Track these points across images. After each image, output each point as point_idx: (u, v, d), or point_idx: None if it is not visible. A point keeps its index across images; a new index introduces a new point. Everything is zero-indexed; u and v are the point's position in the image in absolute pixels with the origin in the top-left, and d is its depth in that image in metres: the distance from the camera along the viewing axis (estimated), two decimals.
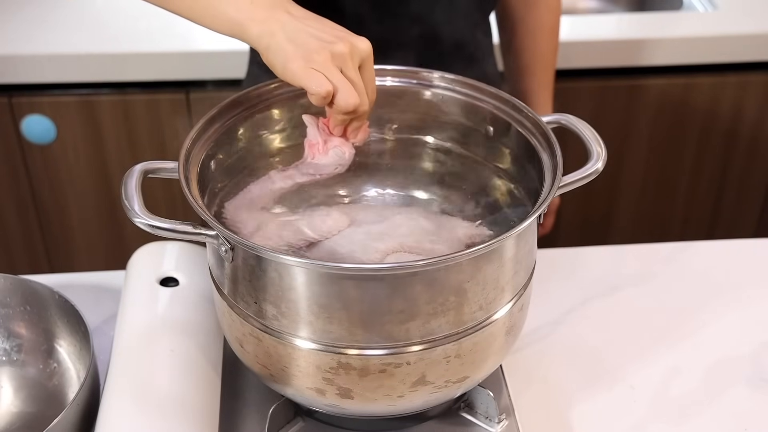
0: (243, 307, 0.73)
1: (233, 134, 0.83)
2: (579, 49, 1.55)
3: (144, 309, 0.86)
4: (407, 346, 0.70)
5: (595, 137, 0.79)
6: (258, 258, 0.69)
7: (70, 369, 0.88)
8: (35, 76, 1.51)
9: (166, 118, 1.56)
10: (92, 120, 1.55)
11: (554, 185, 0.72)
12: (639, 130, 1.65)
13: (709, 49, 1.57)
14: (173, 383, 0.79)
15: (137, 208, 0.71)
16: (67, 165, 1.60)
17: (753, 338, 0.96)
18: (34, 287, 0.88)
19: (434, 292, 0.68)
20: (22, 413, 0.86)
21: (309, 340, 0.71)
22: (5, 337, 0.90)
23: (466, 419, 0.83)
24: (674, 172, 1.71)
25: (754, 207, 1.77)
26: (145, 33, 1.54)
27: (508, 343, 0.78)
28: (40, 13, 1.61)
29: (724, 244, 1.11)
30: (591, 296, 1.01)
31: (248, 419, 0.82)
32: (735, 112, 1.64)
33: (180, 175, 0.73)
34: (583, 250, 1.10)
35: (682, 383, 0.91)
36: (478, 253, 0.68)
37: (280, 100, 0.85)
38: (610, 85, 1.60)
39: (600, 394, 0.89)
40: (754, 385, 0.91)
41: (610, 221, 1.76)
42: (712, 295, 1.02)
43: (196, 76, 1.52)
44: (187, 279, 0.90)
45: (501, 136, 0.84)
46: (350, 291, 0.68)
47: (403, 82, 0.87)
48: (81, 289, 0.99)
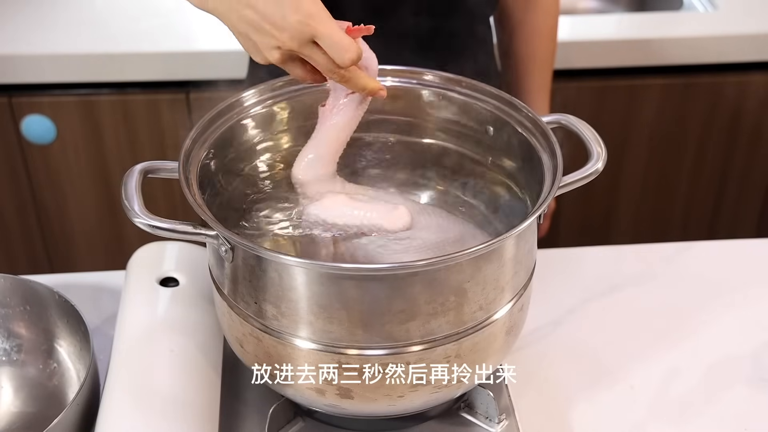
0: (243, 307, 0.73)
1: (233, 134, 0.83)
2: (579, 49, 1.55)
3: (144, 309, 0.86)
4: (407, 346, 0.70)
5: (595, 137, 0.79)
6: (258, 258, 0.69)
7: (70, 369, 0.88)
8: (35, 76, 1.51)
9: (166, 118, 1.56)
10: (92, 120, 1.55)
11: (554, 185, 0.72)
12: (639, 130, 1.64)
13: (709, 49, 1.57)
14: (173, 383, 0.79)
15: (137, 208, 0.71)
16: (67, 165, 1.60)
17: (753, 338, 0.96)
18: (34, 287, 0.88)
19: (434, 292, 0.68)
20: (22, 413, 0.86)
21: (309, 340, 0.71)
22: (5, 337, 0.90)
23: (466, 419, 0.83)
24: (674, 172, 1.71)
25: (754, 207, 1.77)
26: (145, 33, 1.54)
27: (508, 343, 0.78)
28: (40, 13, 1.61)
29: (724, 244, 1.11)
30: (591, 296, 1.01)
31: (248, 419, 0.82)
32: (735, 112, 1.63)
33: (180, 175, 0.73)
34: (583, 250, 1.10)
35: (682, 383, 0.91)
36: (478, 253, 0.68)
37: (280, 100, 0.86)
38: (610, 85, 1.60)
39: (600, 394, 0.89)
40: (754, 385, 0.91)
41: (610, 221, 1.76)
42: (713, 295, 1.02)
43: (196, 76, 1.52)
44: (187, 279, 0.90)
45: (501, 136, 0.84)
46: (350, 291, 0.68)
47: (403, 82, 0.87)
48: (81, 289, 0.99)
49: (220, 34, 1.54)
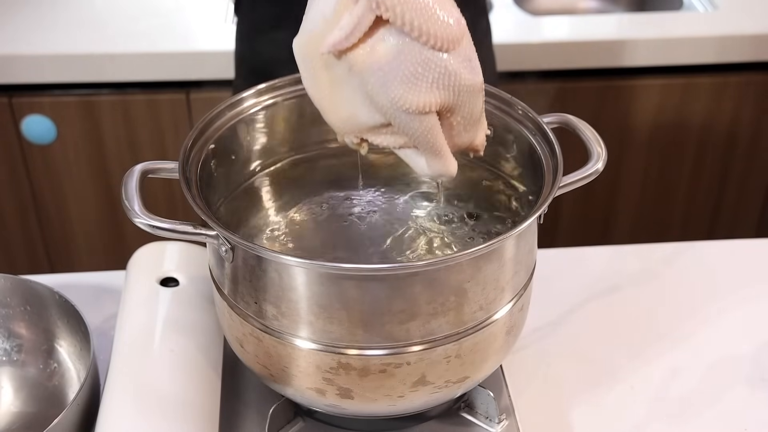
0: (243, 307, 0.73)
1: (233, 134, 0.83)
2: (579, 49, 1.56)
3: (144, 309, 0.86)
4: (407, 346, 0.70)
5: (595, 137, 0.79)
6: (258, 258, 0.69)
7: (70, 369, 0.88)
8: (35, 76, 1.51)
9: (166, 118, 1.56)
10: (92, 120, 1.56)
11: (554, 185, 0.72)
12: (639, 130, 1.65)
13: (709, 49, 1.57)
14: (173, 383, 0.79)
15: (137, 208, 0.71)
16: (67, 165, 1.60)
17: (753, 338, 0.96)
18: (34, 287, 0.88)
19: (434, 292, 0.68)
20: (22, 413, 0.86)
21: (309, 340, 0.71)
22: (5, 337, 0.90)
23: (466, 419, 0.83)
24: (674, 172, 1.71)
25: (754, 207, 1.77)
26: (145, 33, 1.54)
27: (508, 343, 0.78)
28: (40, 13, 1.61)
29: (724, 244, 1.11)
30: (591, 296, 1.01)
31: (248, 419, 0.82)
32: (735, 113, 1.64)
33: (180, 175, 0.73)
34: (583, 250, 1.10)
35: (682, 383, 0.91)
36: (478, 253, 0.68)
37: (280, 99, 0.85)
38: (610, 85, 1.60)
39: (600, 394, 0.89)
40: (754, 385, 0.91)
41: (610, 221, 1.76)
42: (712, 295, 1.02)
43: (196, 76, 1.52)
44: (187, 279, 0.90)
45: (501, 136, 0.84)
46: (350, 291, 0.68)
47: None
48: (81, 289, 0.99)
49: (220, 34, 1.55)
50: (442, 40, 0.63)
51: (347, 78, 0.66)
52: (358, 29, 0.63)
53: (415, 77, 0.64)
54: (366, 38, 0.64)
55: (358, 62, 0.64)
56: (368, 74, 0.64)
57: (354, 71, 0.65)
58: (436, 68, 0.63)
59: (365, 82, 0.65)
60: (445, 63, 0.63)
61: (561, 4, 1.96)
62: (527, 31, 1.60)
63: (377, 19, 0.63)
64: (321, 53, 0.65)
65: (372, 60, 0.64)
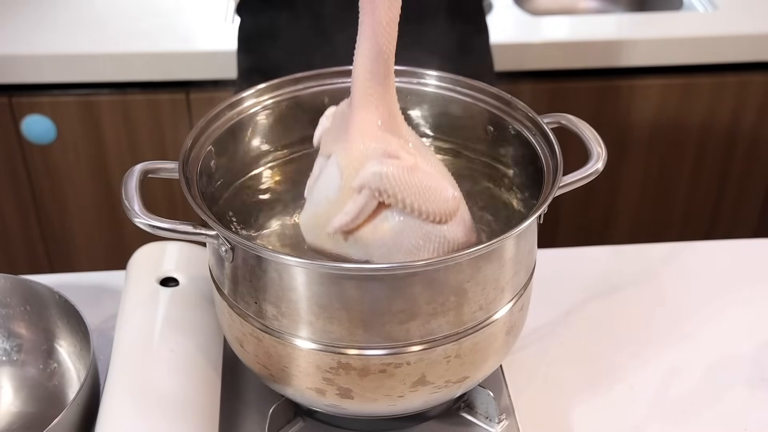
0: (243, 307, 0.73)
1: (233, 134, 0.83)
2: (579, 49, 1.56)
3: (144, 309, 0.86)
4: (407, 346, 0.70)
5: (595, 137, 0.79)
6: (258, 258, 0.69)
7: (70, 369, 0.88)
8: (35, 76, 1.51)
9: (166, 118, 1.56)
10: (92, 120, 1.55)
11: (554, 185, 0.72)
12: (639, 130, 1.65)
13: (709, 49, 1.57)
14: (173, 383, 0.79)
15: (137, 208, 0.71)
16: (67, 165, 1.60)
17: (753, 338, 0.96)
18: (34, 287, 0.88)
19: (434, 292, 0.68)
20: (22, 413, 0.86)
21: (309, 340, 0.71)
22: (5, 337, 0.90)
23: (466, 419, 0.83)
24: (674, 172, 1.71)
25: (754, 207, 1.77)
26: (145, 33, 1.54)
27: (508, 343, 0.78)
28: (40, 13, 1.61)
29: (724, 244, 1.11)
30: (591, 296, 1.01)
31: (248, 419, 0.82)
32: (735, 113, 1.64)
33: (180, 175, 0.73)
34: (583, 250, 1.10)
35: (682, 383, 0.91)
36: (478, 254, 0.68)
37: (281, 99, 0.86)
38: (610, 85, 1.60)
39: (600, 394, 0.89)
40: (754, 385, 0.91)
41: (610, 221, 1.76)
42: (712, 295, 1.02)
43: (196, 76, 1.52)
44: (187, 279, 0.90)
45: (501, 136, 0.84)
46: (350, 291, 0.68)
47: (403, 82, 0.87)
48: (81, 289, 0.99)
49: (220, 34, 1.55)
50: (440, 215, 0.70)
51: (353, 245, 0.73)
52: (362, 214, 0.70)
53: (417, 249, 0.71)
54: (370, 219, 0.71)
55: (363, 238, 0.72)
56: (373, 248, 0.71)
57: (359, 244, 0.72)
58: (436, 239, 0.71)
59: (370, 253, 0.72)
60: (444, 233, 0.71)
61: (561, 4, 1.96)
62: (527, 31, 1.60)
63: (380, 203, 0.70)
64: (327, 233, 0.72)
65: (376, 237, 0.71)
